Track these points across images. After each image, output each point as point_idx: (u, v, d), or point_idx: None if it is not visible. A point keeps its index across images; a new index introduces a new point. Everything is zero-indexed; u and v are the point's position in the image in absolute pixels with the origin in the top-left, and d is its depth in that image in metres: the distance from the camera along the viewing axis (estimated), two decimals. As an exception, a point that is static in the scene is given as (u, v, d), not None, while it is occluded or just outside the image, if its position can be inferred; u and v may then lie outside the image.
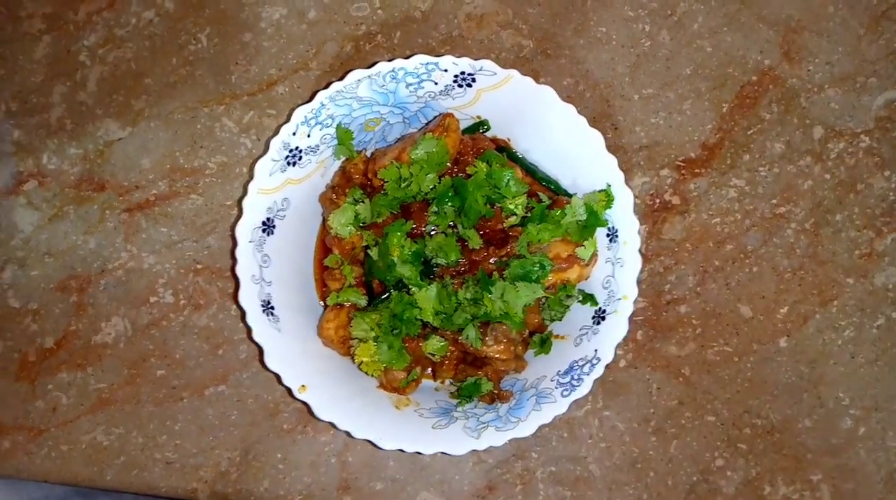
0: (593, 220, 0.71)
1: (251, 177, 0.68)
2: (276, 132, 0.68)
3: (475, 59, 0.69)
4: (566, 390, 0.69)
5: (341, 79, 0.69)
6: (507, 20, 0.86)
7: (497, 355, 0.71)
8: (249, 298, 0.68)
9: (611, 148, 0.71)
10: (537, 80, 0.71)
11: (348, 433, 0.68)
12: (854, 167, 0.84)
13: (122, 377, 0.81)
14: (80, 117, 0.85)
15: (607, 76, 0.85)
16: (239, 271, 0.68)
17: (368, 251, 0.72)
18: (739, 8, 0.86)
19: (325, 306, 0.75)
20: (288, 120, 0.68)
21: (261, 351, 0.69)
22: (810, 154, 0.84)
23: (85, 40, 0.86)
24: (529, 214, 0.72)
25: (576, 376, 0.70)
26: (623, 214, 0.70)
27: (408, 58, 0.69)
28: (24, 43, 0.87)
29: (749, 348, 0.82)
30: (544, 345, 0.75)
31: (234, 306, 0.82)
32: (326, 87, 0.70)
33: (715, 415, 0.81)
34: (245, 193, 0.69)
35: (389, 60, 0.69)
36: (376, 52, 0.86)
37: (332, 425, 0.68)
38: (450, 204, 0.71)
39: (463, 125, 0.75)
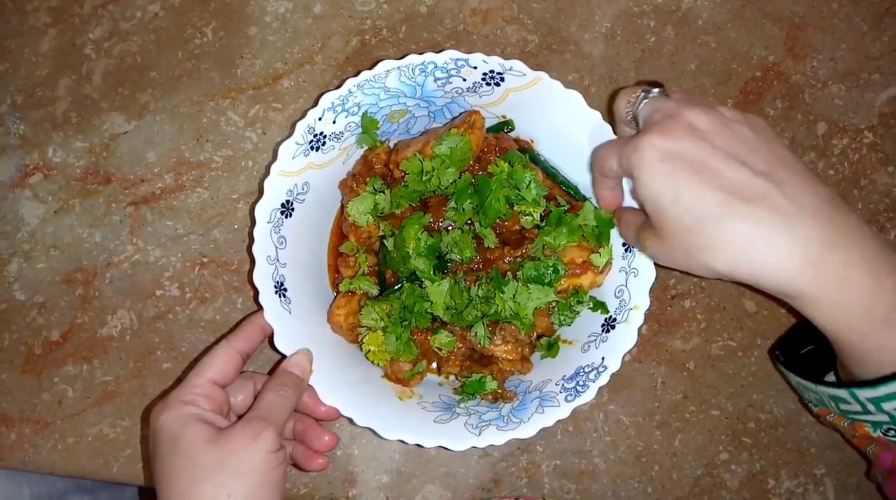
0: (604, 226, 0.71)
1: (274, 158, 0.68)
2: (302, 116, 0.68)
3: (505, 59, 0.68)
4: (570, 395, 0.69)
5: (356, 75, 0.69)
6: (512, 15, 0.86)
7: (504, 355, 0.71)
8: (264, 278, 0.68)
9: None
10: (543, 76, 0.71)
11: (351, 420, 0.68)
12: (858, 163, 0.85)
13: (129, 370, 0.81)
14: (86, 111, 0.85)
15: (612, 71, 0.85)
16: (255, 250, 0.68)
17: (384, 241, 0.72)
18: (744, 4, 0.87)
19: (337, 293, 0.75)
20: (315, 104, 0.68)
21: (270, 340, 0.69)
22: (814, 150, 0.85)
23: (90, 34, 0.87)
24: (547, 217, 0.72)
25: (581, 382, 0.70)
26: None
27: (404, 56, 0.69)
28: (30, 36, 0.87)
29: (753, 343, 0.82)
30: (551, 349, 0.75)
31: (241, 300, 0.82)
32: (336, 82, 0.70)
33: (719, 409, 0.81)
34: (267, 173, 0.68)
35: (409, 55, 0.68)
36: (382, 47, 0.86)
37: (335, 410, 0.68)
38: (469, 201, 0.71)
39: (488, 124, 0.75)
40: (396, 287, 0.72)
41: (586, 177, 0.74)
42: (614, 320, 0.71)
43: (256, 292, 0.68)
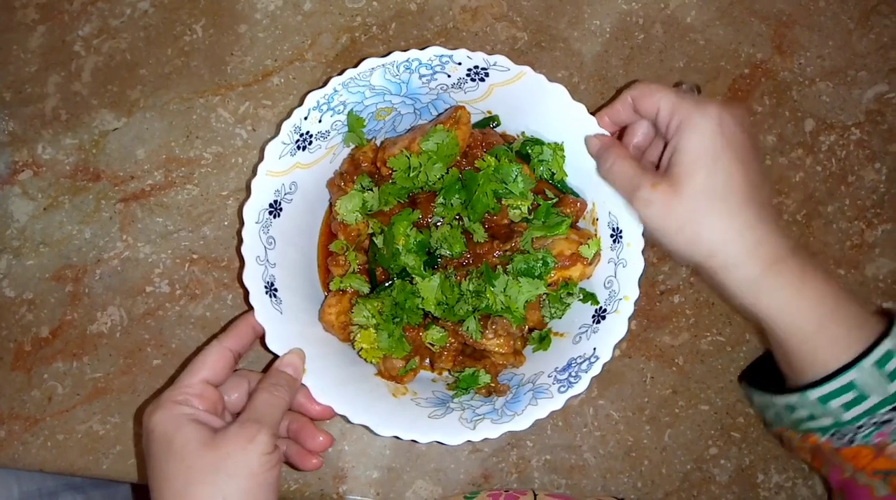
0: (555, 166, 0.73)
1: (261, 159, 0.68)
2: (288, 116, 0.68)
3: (489, 55, 0.68)
4: (563, 386, 0.70)
5: (341, 73, 0.69)
6: (501, 12, 0.86)
7: (496, 349, 0.71)
8: (253, 278, 0.68)
9: (605, 139, 0.72)
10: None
11: (345, 418, 0.68)
12: (845, 159, 0.85)
13: (118, 367, 0.81)
14: (75, 107, 0.85)
15: (601, 69, 0.86)
16: (244, 251, 0.67)
17: (373, 239, 0.72)
18: (732, 2, 0.87)
19: (328, 292, 0.75)
20: (300, 104, 0.68)
21: (262, 341, 0.69)
22: (802, 146, 0.85)
23: (79, 30, 0.86)
24: (535, 211, 0.73)
25: (573, 374, 0.70)
26: (629, 217, 0.70)
27: (401, 51, 0.69)
28: (19, 33, 0.86)
29: (742, 338, 0.83)
30: (543, 341, 0.75)
31: (231, 296, 0.82)
32: (326, 79, 0.69)
33: (708, 404, 0.82)
34: (254, 173, 0.68)
35: (394, 53, 0.68)
36: (371, 44, 0.86)
37: (329, 409, 0.68)
38: (457, 196, 0.71)
39: (473, 119, 0.75)
40: (387, 284, 0.72)
41: (573, 169, 0.74)
42: (604, 310, 0.72)
43: (247, 291, 0.68)
